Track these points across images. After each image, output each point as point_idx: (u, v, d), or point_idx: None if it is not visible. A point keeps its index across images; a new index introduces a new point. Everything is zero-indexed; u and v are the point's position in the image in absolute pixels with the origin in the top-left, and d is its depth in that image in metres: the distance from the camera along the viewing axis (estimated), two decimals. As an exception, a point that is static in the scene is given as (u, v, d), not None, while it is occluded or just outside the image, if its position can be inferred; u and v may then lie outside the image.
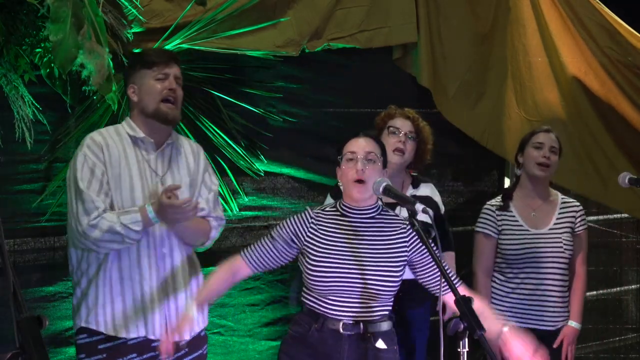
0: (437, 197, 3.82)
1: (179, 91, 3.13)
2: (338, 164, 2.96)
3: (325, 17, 4.33)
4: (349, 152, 2.91)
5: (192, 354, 3.15)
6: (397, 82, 4.64)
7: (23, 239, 3.85)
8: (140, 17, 3.77)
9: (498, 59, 4.71)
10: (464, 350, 2.49)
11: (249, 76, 4.34)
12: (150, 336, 3.02)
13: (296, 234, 2.94)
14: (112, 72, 3.40)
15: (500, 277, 3.87)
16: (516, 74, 4.72)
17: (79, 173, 2.98)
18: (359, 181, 2.86)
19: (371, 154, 2.90)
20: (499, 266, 3.88)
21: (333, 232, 2.93)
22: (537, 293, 3.79)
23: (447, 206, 3.88)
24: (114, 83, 3.42)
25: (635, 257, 5.11)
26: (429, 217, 2.65)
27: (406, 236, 2.96)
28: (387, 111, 3.77)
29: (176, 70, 3.14)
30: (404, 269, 2.96)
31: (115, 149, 3.04)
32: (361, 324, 2.86)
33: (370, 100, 4.53)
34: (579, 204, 3.95)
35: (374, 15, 4.43)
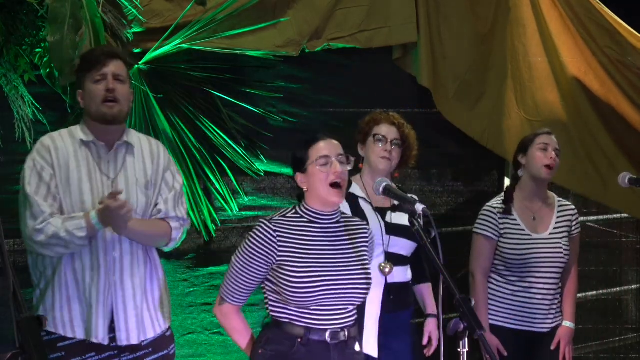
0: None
1: (121, 88, 3.04)
2: (300, 169, 2.80)
3: (325, 17, 4.34)
4: (321, 156, 2.77)
5: (156, 354, 3.12)
6: (397, 82, 4.64)
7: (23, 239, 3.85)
8: (140, 17, 3.78)
9: (498, 59, 4.71)
10: (464, 350, 2.49)
11: (249, 76, 4.35)
12: (102, 342, 3.00)
13: (267, 254, 2.75)
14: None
15: (498, 279, 3.86)
16: (516, 74, 4.72)
17: (27, 178, 2.97)
18: (335, 185, 2.75)
19: (342, 156, 2.81)
20: (496, 268, 3.87)
21: (306, 240, 2.79)
22: (536, 296, 3.79)
23: (447, 206, 3.88)
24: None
25: (635, 257, 5.11)
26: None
27: (367, 237, 2.92)
28: (371, 116, 3.69)
29: (115, 68, 3.04)
30: None
31: (64, 152, 3.01)
32: (346, 330, 2.80)
33: (370, 100, 4.52)
34: (574, 207, 3.95)
35: (374, 15, 4.43)
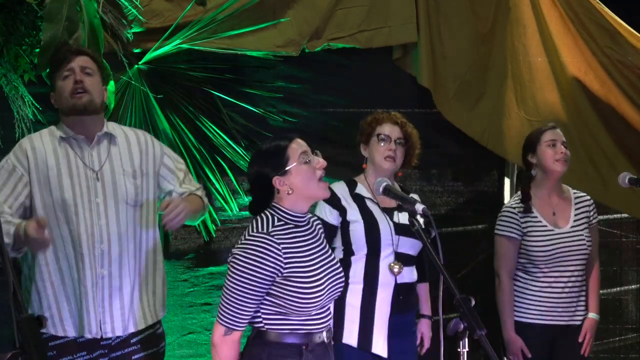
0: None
1: (89, 80, 3.06)
2: (278, 173, 2.67)
3: (325, 17, 4.34)
4: (302, 152, 2.69)
5: (145, 350, 3.12)
6: (397, 82, 4.63)
7: (23, 239, 3.84)
8: (140, 17, 3.78)
9: (498, 59, 4.71)
10: (464, 350, 2.49)
11: (249, 76, 4.35)
12: (95, 335, 3.01)
13: (274, 270, 2.60)
14: (110, 73, 3.41)
15: (525, 277, 3.88)
16: (516, 74, 4.72)
17: None
18: (321, 178, 2.72)
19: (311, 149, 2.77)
20: (523, 266, 3.89)
21: (301, 246, 2.70)
22: (564, 290, 3.82)
23: (447, 206, 3.89)
24: (112, 83, 3.43)
25: (635, 257, 5.11)
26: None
27: (322, 229, 2.89)
28: (373, 116, 3.70)
29: (82, 62, 3.08)
30: None
31: (42, 151, 3.03)
32: (331, 327, 2.80)
33: (370, 100, 4.52)
34: (589, 198, 4.00)
35: (374, 15, 4.43)
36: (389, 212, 3.59)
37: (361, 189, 3.64)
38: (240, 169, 4.31)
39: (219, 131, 4.20)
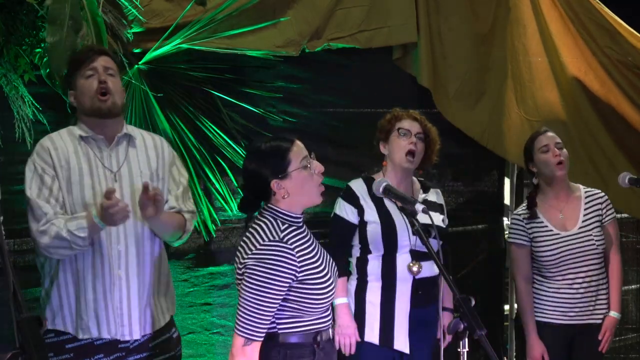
0: (444, 204, 3.81)
1: (111, 81, 3.05)
2: (278, 176, 2.65)
3: (325, 17, 4.34)
4: (304, 157, 2.67)
5: (163, 354, 3.12)
6: (397, 82, 4.64)
7: (23, 239, 3.85)
8: (140, 17, 3.77)
9: (498, 59, 4.71)
10: (464, 350, 2.49)
11: (249, 76, 4.34)
12: (114, 337, 3.00)
13: (290, 276, 2.60)
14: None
15: (540, 279, 3.92)
16: (516, 74, 4.72)
17: (28, 182, 2.99)
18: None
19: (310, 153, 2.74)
20: (537, 269, 3.92)
21: (308, 248, 2.70)
22: (579, 290, 3.84)
23: (447, 206, 3.87)
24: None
25: (635, 257, 5.11)
26: (429, 218, 2.65)
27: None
28: (393, 113, 3.72)
29: (104, 62, 3.07)
30: None
31: (64, 150, 3.02)
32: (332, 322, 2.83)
33: (370, 100, 4.53)
34: (603, 194, 3.99)
35: (374, 15, 4.43)
36: (405, 210, 3.59)
37: None
38: (240, 169, 4.30)
39: (219, 131, 4.20)
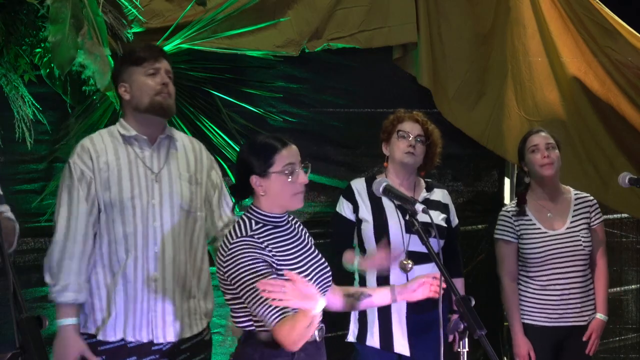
0: (450, 204, 3.80)
1: (171, 85, 3.09)
2: (259, 173, 2.67)
3: (325, 17, 4.33)
4: (288, 163, 2.68)
5: (194, 357, 3.11)
6: (397, 82, 4.63)
7: (23, 239, 3.84)
8: (140, 17, 3.77)
9: (498, 59, 4.71)
10: (464, 350, 2.49)
11: (249, 76, 4.34)
12: (148, 340, 3.00)
13: (268, 260, 2.60)
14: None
15: (526, 279, 3.91)
16: (516, 74, 4.72)
17: (62, 183, 3.04)
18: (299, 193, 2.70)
19: (302, 163, 2.74)
20: (523, 268, 3.91)
21: (284, 245, 2.70)
22: (564, 292, 3.83)
23: (447, 206, 3.88)
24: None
25: (635, 257, 5.11)
26: (429, 217, 2.65)
27: (303, 228, 2.88)
28: (395, 115, 3.75)
29: (166, 65, 3.10)
30: None
31: (104, 152, 3.02)
32: (322, 326, 2.75)
33: (370, 100, 4.53)
34: (592, 198, 4.00)
35: (374, 15, 4.43)
36: (403, 210, 3.60)
37: None
38: (240, 169, 4.30)
39: (219, 131, 4.20)
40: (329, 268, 2.83)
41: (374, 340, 3.60)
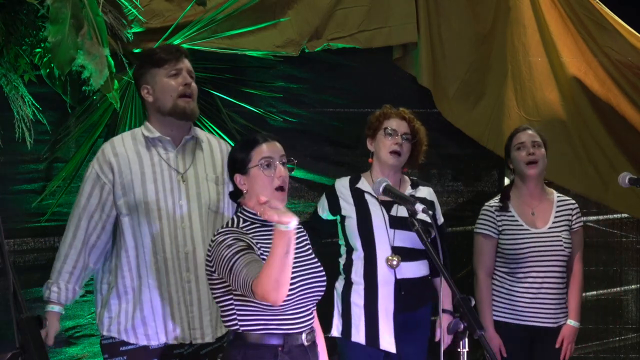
0: (436, 202, 3.80)
1: (194, 85, 3.10)
2: (240, 171, 2.68)
3: (325, 17, 4.33)
4: (264, 157, 2.66)
5: None
6: (397, 82, 4.63)
7: (23, 239, 3.85)
8: (140, 17, 3.77)
9: (498, 59, 4.71)
10: (464, 350, 2.49)
11: (249, 76, 4.34)
12: (171, 342, 3.00)
13: (252, 244, 2.59)
14: (114, 71, 3.40)
15: (502, 276, 3.90)
16: (516, 74, 4.72)
17: (84, 184, 3.06)
18: (280, 188, 2.66)
19: (284, 157, 2.71)
20: (500, 265, 3.90)
21: (271, 243, 2.58)
22: (541, 291, 3.82)
23: (447, 206, 3.88)
24: (116, 82, 3.42)
25: (635, 257, 5.11)
26: (428, 216, 2.65)
27: (302, 229, 2.85)
28: (382, 111, 3.75)
29: (187, 65, 3.11)
30: None
31: (125, 156, 3.02)
32: (312, 329, 2.74)
33: (370, 100, 4.52)
34: (574, 202, 4.01)
35: (374, 15, 4.43)
36: (387, 205, 3.60)
37: (363, 183, 3.67)
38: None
39: (219, 131, 4.20)
40: (323, 272, 2.79)
41: (359, 336, 3.58)
